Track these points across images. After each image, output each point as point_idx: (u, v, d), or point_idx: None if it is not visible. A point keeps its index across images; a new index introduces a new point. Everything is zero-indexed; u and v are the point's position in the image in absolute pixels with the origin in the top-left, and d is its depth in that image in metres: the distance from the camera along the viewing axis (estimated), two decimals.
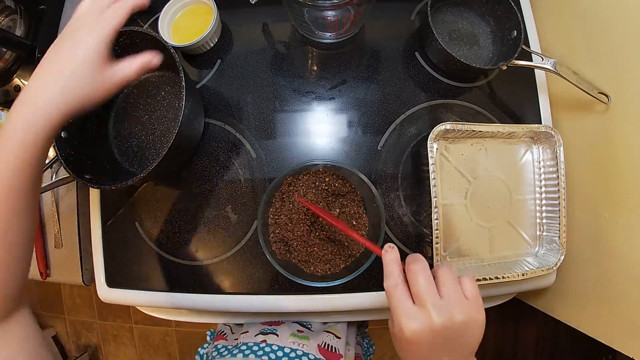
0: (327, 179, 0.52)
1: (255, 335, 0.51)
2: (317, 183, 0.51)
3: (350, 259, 0.51)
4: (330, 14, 0.50)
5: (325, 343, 0.52)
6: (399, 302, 0.30)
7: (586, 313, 0.57)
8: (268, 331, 0.52)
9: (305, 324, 0.58)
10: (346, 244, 0.51)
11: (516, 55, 0.54)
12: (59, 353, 1.52)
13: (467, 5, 0.60)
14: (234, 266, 0.55)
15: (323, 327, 0.58)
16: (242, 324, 0.61)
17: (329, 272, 0.50)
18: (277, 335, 0.51)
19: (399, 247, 0.54)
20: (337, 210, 0.51)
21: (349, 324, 0.61)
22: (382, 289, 0.54)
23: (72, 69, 0.32)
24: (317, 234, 0.51)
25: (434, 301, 0.30)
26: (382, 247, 0.35)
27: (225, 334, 0.59)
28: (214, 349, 0.50)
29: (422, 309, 0.29)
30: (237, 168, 0.57)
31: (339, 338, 0.54)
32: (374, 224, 0.50)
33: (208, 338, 0.64)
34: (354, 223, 0.51)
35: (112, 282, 0.57)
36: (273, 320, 0.58)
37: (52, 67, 0.32)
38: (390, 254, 0.33)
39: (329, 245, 0.51)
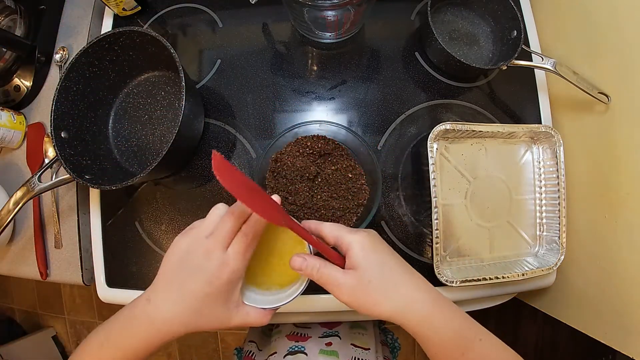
0: (308, 143, 0.51)
1: (284, 357, 0.50)
2: (301, 150, 0.51)
3: (359, 208, 0.51)
4: (330, 14, 0.50)
5: (355, 357, 0.51)
6: (339, 225, 0.36)
7: (586, 313, 0.57)
8: (296, 350, 0.51)
9: (332, 332, 0.57)
10: (350, 196, 0.51)
11: (516, 55, 0.54)
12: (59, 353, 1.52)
13: (467, 5, 0.60)
14: None
15: (350, 335, 0.57)
16: (269, 339, 0.60)
17: None
18: (306, 354, 0.50)
19: (399, 247, 0.55)
20: (331, 168, 0.51)
21: (372, 326, 0.61)
22: None
23: (207, 294, 0.31)
24: (320, 196, 0.51)
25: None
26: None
27: (252, 353, 0.58)
28: None
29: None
30: (237, 168, 0.57)
31: (368, 349, 0.54)
32: (370, 170, 0.50)
33: (235, 358, 0.63)
34: (350, 175, 0.51)
35: (112, 282, 0.57)
36: (299, 334, 0.57)
37: (185, 286, 0.31)
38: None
39: (334, 203, 0.50)
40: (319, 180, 0.51)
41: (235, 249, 0.31)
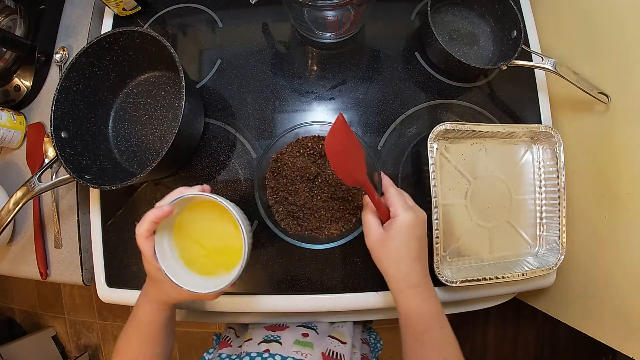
0: (309, 144, 0.51)
1: (258, 344, 0.51)
2: (301, 150, 0.51)
3: (359, 210, 0.51)
4: (330, 14, 0.50)
5: (330, 350, 0.51)
6: (405, 198, 0.43)
7: (586, 313, 0.57)
8: (271, 338, 0.52)
9: (311, 325, 0.57)
10: (350, 197, 0.51)
11: (516, 55, 0.54)
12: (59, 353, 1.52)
13: (467, 5, 0.60)
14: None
15: (329, 329, 0.57)
16: (246, 327, 0.60)
17: (343, 230, 0.50)
18: (281, 344, 0.50)
19: None
20: (331, 168, 0.51)
21: (355, 324, 0.61)
22: (383, 289, 0.54)
23: (151, 282, 0.44)
24: (319, 197, 0.50)
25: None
26: (380, 193, 0.45)
27: (229, 339, 0.58)
28: (218, 357, 0.50)
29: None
30: (237, 168, 0.57)
31: (344, 343, 0.54)
32: (370, 172, 0.49)
33: (214, 342, 0.64)
34: None
35: (112, 282, 0.57)
36: (277, 324, 0.57)
37: (147, 279, 0.45)
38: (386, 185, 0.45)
39: (334, 204, 0.50)
40: (319, 180, 0.51)
41: (136, 232, 0.38)
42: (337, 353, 0.51)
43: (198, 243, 0.42)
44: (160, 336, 0.45)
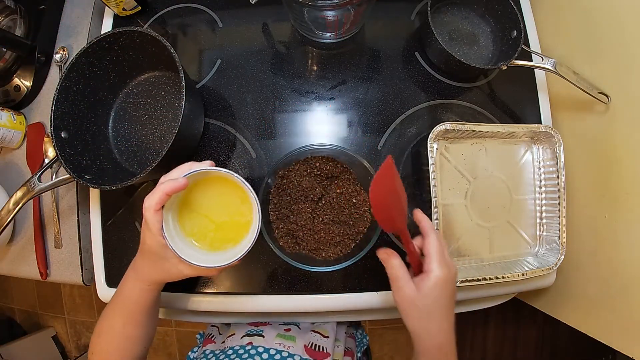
0: (317, 164, 0.51)
1: (241, 338, 0.51)
2: (308, 170, 0.51)
3: (358, 236, 0.51)
4: (330, 14, 0.50)
5: (312, 343, 0.52)
6: (443, 250, 0.41)
7: (586, 313, 0.57)
8: (254, 332, 0.52)
9: (294, 322, 0.58)
10: (351, 222, 0.51)
11: (516, 55, 0.54)
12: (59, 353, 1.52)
13: (467, 5, 0.60)
14: (234, 266, 0.55)
15: (311, 326, 0.58)
16: (229, 324, 0.61)
17: (341, 254, 0.50)
18: (263, 337, 0.51)
19: (399, 248, 0.55)
20: (337, 191, 0.51)
21: (339, 322, 0.61)
22: (383, 289, 0.54)
23: (149, 259, 0.41)
24: (321, 219, 0.50)
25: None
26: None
27: (213, 336, 0.59)
28: (202, 355, 0.50)
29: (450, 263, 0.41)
30: (237, 168, 0.57)
31: (327, 337, 0.54)
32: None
33: (198, 341, 0.64)
34: (354, 201, 0.51)
35: (112, 282, 0.57)
36: (260, 321, 0.58)
37: (141, 256, 0.43)
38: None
39: (335, 228, 0.50)
40: (323, 202, 0.51)
41: (145, 205, 0.37)
42: (319, 346, 0.52)
43: (207, 218, 0.42)
44: (145, 317, 0.44)
